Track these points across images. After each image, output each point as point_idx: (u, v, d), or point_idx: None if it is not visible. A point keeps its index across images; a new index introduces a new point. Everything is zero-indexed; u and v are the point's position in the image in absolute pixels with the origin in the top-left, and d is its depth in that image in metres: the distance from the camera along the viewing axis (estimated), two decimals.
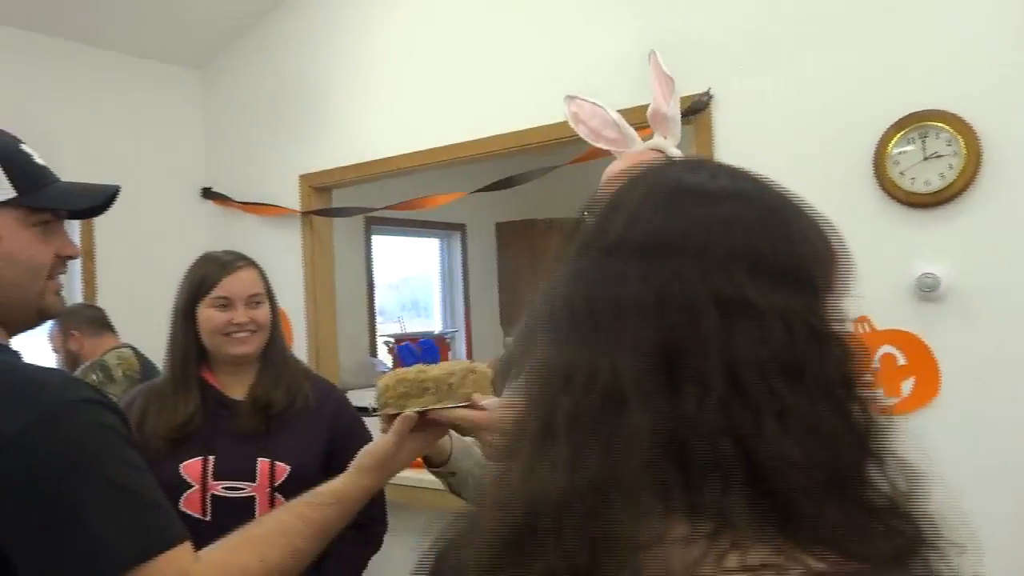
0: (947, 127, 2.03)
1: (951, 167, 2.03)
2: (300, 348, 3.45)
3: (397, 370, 1.20)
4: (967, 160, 2.00)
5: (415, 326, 5.64)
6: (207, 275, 1.67)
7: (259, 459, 1.61)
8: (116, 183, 1.12)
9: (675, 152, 1.39)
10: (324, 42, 3.40)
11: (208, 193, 3.74)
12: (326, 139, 3.38)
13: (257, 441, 1.63)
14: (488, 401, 1.15)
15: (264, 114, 3.60)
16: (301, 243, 3.46)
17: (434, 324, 5.80)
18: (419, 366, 1.19)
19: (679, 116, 1.43)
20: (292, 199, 3.47)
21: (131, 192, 1.39)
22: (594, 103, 1.44)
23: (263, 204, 3.54)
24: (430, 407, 1.15)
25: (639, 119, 1.50)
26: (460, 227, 5.72)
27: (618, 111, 1.51)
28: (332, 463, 1.67)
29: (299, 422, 1.67)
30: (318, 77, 3.41)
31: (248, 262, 1.74)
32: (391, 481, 1.28)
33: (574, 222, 0.62)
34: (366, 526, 1.76)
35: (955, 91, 2.03)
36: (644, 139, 1.47)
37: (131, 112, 3.56)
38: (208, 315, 1.65)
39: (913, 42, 2.10)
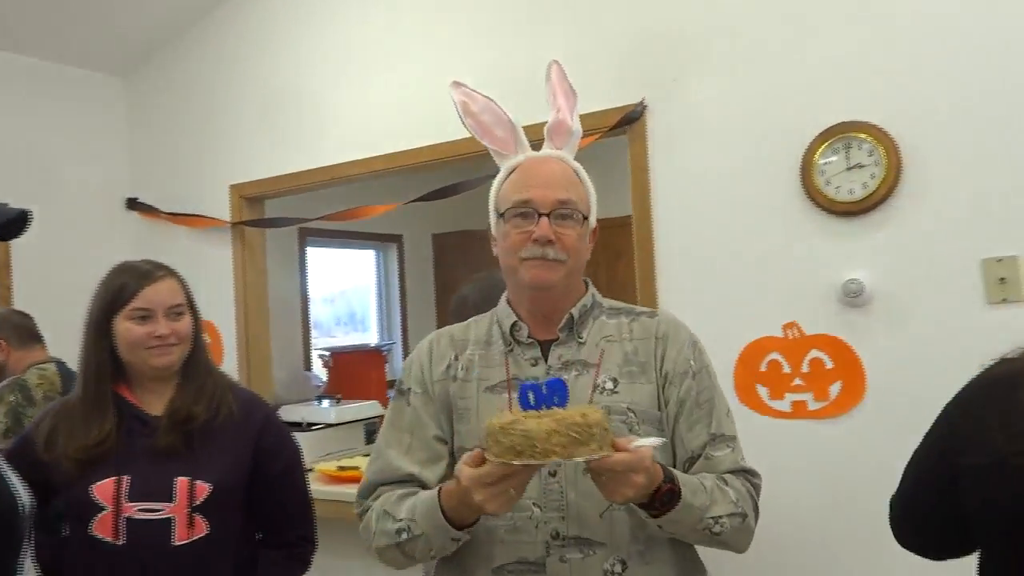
0: (869, 138, 2.10)
1: (873, 176, 2.10)
2: (231, 362, 3.36)
3: (504, 416, 1.06)
4: (888, 169, 2.08)
5: (352, 339, 5.56)
6: (124, 285, 1.58)
7: (177, 478, 1.53)
8: (34, 192, 1.07)
9: (576, 164, 1.34)
10: (255, 51, 3.33)
11: (133, 204, 3.62)
12: (257, 149, 3.31)
13: (176, 459, 1.54)
14: (631, 443, 1.06)
15: (192, 123, 3.51)
16: (232, 255, 3.37)
17: (371, 337, 5.73)
18: (519, 416, 1.05)
19: (580, 132, 1.36)
20: (222, 210, 3.38)
21: (50, 202, 1.33)
22: (488, 97, 1.35)
23: (192, 215, 3.44)
24: (587, 457, 1.02)
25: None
26: (397, 238, 5.67)
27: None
28: (256, 478, 1.62)
29: (222, 437, 1.59)
30: (248, 86, 3.34)
31: (168, 271, 1.66)
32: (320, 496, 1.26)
33: None
34: (294, 545, 1.71)
35: (876, 103, 2.11)
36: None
37: (50, 119, 3.42)
38: (126, 328, 1.56)
39: (837, 56, 2.17)
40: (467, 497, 1.06)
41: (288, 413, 3.28)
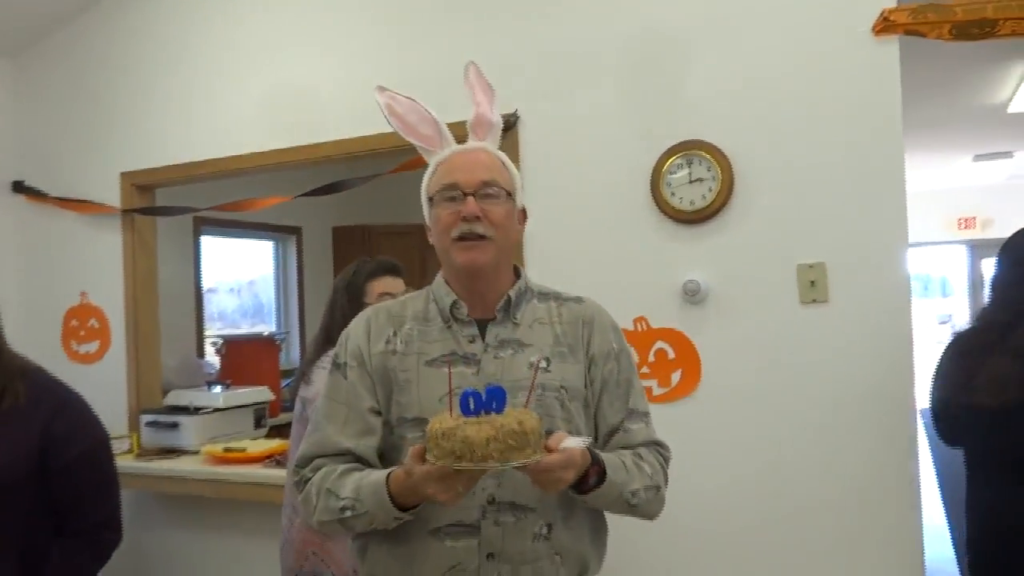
0: (707, 155, 2.38)
1: (711, 189, 2.38)
2: (119, 347, 3.40)
3: (443, 419, 1.14)
4: (722, 183, 2.37)
5: (259, 330, 5.58)
6: None
7: None
8: None
9: (499, 152, 1.43)
10: (149, 37, 3.37)
11: (19, 187, 3.60)
12: (150, 137, 3.36)
13: None
14: (560, 442, 1.16)
15: (83, 108, 3.51)
16: (122, 242, 3.41)
17: (275, 327, 5.76)
18: (459, 422, 1.12)
19: (501, 124, 1.47)
20: (113, 196, 3.41)
21: None
22: (411, 98, 1.45)
23: (81, 201, 3.46)
24: (511, 464, 1.10)
25: (454, 133, 1.58)
26: (295, 230, 5.73)
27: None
28: (48, 465, 1.57)
29: (5, 423, 1.54)
30: (142, 74, 3.38)
31: None
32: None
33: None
34: (89, 533, 1.64)
35: (714, 125, 2.40)
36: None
37: None
38: None
39: (682, 80, 2.45)
40: (418, 488, 1.16)
41: (175, 398, 3.36)
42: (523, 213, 1.45)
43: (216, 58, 3.23)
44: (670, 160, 2.44)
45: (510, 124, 2.62)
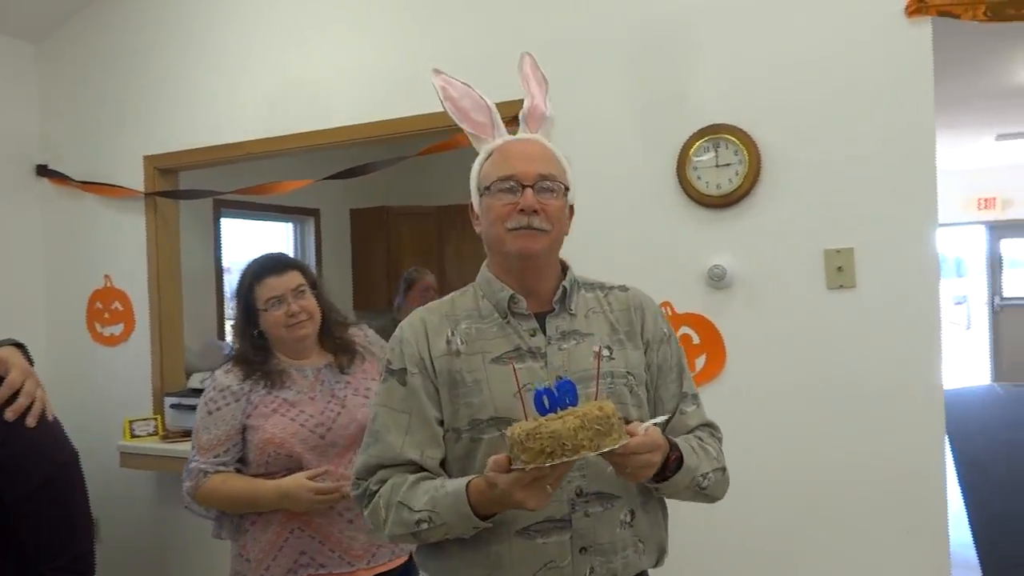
0: (734, 139, 2.36)
1: (737, 174, 2.37)
2: (143, 332, 3.43)
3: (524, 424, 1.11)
4: (750, 168, 2.35)
5: None
6: None
7: None
8: None
9: (552, 145, 1.40)
10: (171, 21, 3.36)
11: (43, 171, 3.62)
12: (172, 121, 3.36)
13: None
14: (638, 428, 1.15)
15: (106, 92, 3.52)
16: (145, 225, 3.43)
17: None
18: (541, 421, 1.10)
19: (554, 117, 1.45)
20: (136, 180, 3.43)
21: None
22: (467, 83, 1.43)
23: (105, 184, 3.48)
24: (600, 450, 1.09)
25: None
26: (314, 212, 5.74)
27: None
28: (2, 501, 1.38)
29: None
30: (164, 58, 3.38)
31: None
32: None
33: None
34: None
35: (742, 109, 2.38)
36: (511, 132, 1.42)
37: None
38: None
39: (711, 65, 2.42)
40: (504, 498, 1.12)
41: (198, 380, 3.38)
42: (571, 209, 1.42)
43: (240, 42, 3.22)
44: (696, 144, 2.42)
45: None
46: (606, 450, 1.09)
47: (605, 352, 1.31)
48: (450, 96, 1.42)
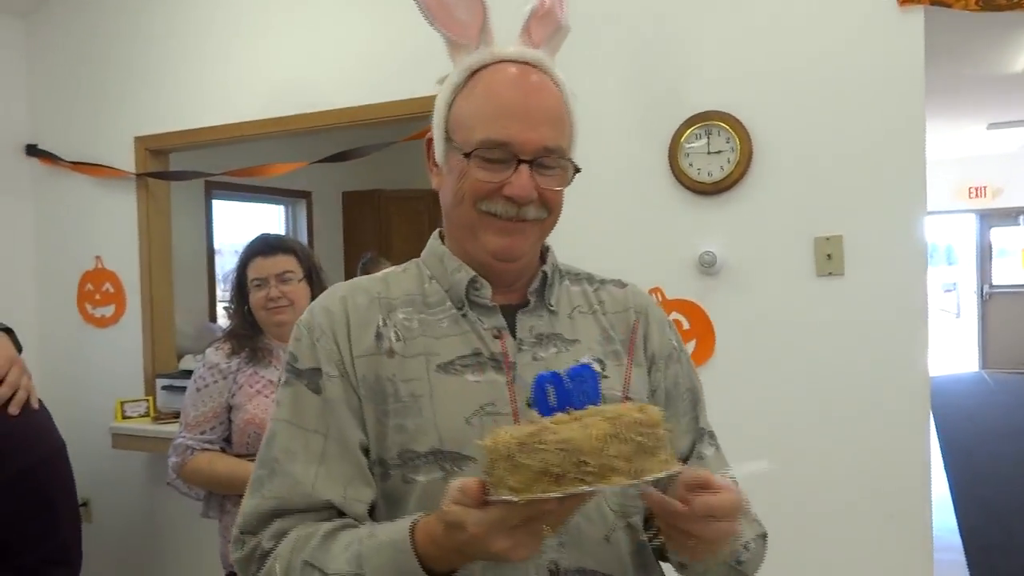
0: (726, 127, 2.37)
1: (729, 161, 2.38)
2: (134, 313, 3.43)
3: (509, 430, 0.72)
4: (741, 155, 2.36)
5: None
6: None
7: None
8: None
9: (560, 76, 1.03)
10: (162, 1, 3.34)
11: (33, 150, 3.59)
12: (163, 102, 3.34)
13: None
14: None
15: (97, 70, 3.49)
16: (136, 206, 3.42)
17: None
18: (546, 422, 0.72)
19: (569, 29, 1.08)
20: (127, 161, 3.41)
21: None
22: None
23: (95, 164, 3.46)
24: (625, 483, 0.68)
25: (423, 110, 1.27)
26: (306, 195, 5.73)
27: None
28: None
29: None
30: (155, 37, 3.35)
31: None
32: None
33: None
34: (35, 571, 1.35)
35: (733, 96, 2.38)
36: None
37: None
38: None
39: (703, 50, 2.42)
40: (474, 546, 0.72)
41: (189, 362, 3.39)
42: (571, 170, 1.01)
43: (232, 22, 3.20)
44: (688, 131, 2.42)
45: None
46: (651, 478, 0.69)
47: (597, 367, 0.95)
48: None
